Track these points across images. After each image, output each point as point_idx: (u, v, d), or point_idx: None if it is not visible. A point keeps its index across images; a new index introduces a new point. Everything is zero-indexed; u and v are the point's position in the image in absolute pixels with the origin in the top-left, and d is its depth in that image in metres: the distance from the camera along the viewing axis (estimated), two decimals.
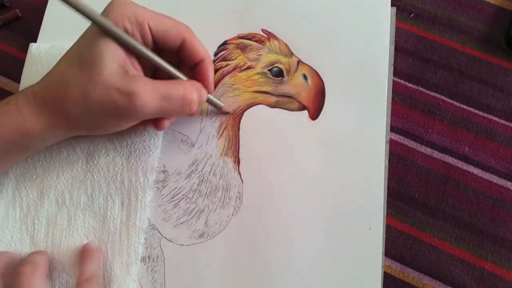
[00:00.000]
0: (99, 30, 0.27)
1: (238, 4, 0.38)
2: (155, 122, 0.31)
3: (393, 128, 0.35)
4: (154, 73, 0.32)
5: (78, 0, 0.26)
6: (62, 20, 0.39)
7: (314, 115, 0.35)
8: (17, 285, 0.27)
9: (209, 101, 0.33)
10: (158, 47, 0.30)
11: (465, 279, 0.32)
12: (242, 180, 0.34)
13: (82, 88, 0.27)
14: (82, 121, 0.28)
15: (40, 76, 0.29)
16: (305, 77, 0.36)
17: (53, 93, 0.28)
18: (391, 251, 0.33)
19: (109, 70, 0.27)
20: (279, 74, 0.36)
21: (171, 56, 0.31)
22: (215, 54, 0.37)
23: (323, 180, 0.33)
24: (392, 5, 0.37)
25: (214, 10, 0.38)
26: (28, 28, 0.39)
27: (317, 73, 0.36)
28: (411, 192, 0.34)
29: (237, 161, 0.34)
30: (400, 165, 0.35)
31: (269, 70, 0.36)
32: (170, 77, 0.30)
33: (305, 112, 0.35)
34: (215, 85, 0.36)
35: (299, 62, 0.36)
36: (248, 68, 0.36)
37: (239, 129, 0.35)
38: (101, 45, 0.27)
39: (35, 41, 0.38)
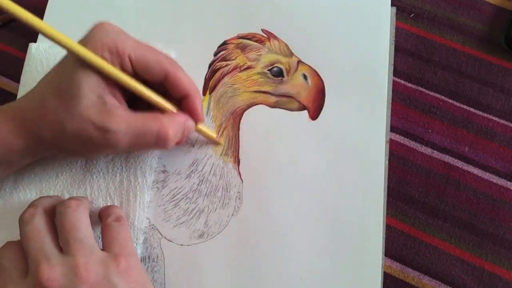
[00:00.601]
0: (76, 57, 0.26)
1: (238, 4, 0.38)
2: None
3: (393, 128, 0.35)
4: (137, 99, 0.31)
5: (52, 30, 0.25)
6: (62, 20, 0.39)
7: (314, 115, 0.35)
8: (62, 215, 0.28)
9: (200, 132, 0.32)
10: (140, 78, 0.29)
11: (465, 279, 0.32)
12: (242, 180, 0.34)
13: (59, 118, 0.27)
14: (58, 147, 0.29)
15: (40, 76, 0.29)
16: (305, 77, 0.36)
17: (31, 118, 0.28)
18: (391, 251, 0.33)
19: (86, 102, 0.26)
20: (279, 74, 0.36)
21: (156, 86, 0.29)
22: (215, 54, 0.37)
23: (323, 180, 0.33)
24: (392, 5, 0.37)
25: (214, 10, 0.38)
26: (28, 28, 0.39)
27: (317, 73, 0.36)
28: (411, 192, 0.34)
29: (237, 161, 0.34)
30: (400, 165, 0.35)
31: (269, 70, 0.36)
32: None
33: (305, 112, 0.35)
34: (215, 85, 0.36)
35: (299, 62, 0.36)
36: (248, 68, 0.36)
37: (239, 129, 0.35)
38: (79, 75, 0.26)
39: (35, 41, 0.38)
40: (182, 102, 0.30)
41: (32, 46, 0.37)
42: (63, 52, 0.30)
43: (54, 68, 0.29)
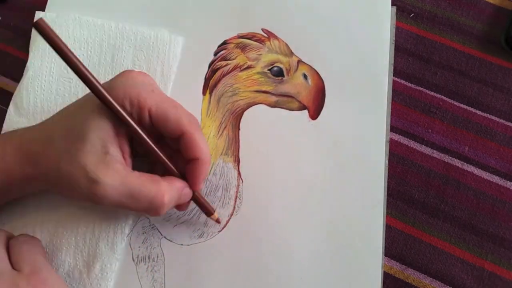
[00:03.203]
0: (97, 100, 0.26)
1: (238, 3, 0.38)
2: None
3: (393, 128, 0.35)
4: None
5: (82, 68, 0.25)
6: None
7: (314, 115, 0.35)
8: None
9: (196, 202, 0.31)
10: (157, 132, 0.29)
11: (465, 279, 0.32)
12: (242, 180, 0.34)
13: (57, 156, 0.27)
14: (54, 185, 0.28)
15: (48, 47, 0.29)
16: (305, 76, 0.36)
17: (35, 150, 0.28)
18: (391, 251, 0.33)
19: (88, 147, 0.26)
20: (279, 73, 0.36)
21: (172, 141, 0.29)
22: (215, 54, 0.37)
23: (323, 180, 0.33)
24: (392, 5, 0.37)
25: (214, 9, 0.38)
26: (28, 27, 0.39)
27: (317, 72, 0.36)
28: (411, 192, 0.34)
29: (237, 161, 0.34)
30: (400, 165, 0.35)
31: (269, 70, 0.36)
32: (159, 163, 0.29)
33: (305, 112, 0.35)
34: (215, 85, 0.36)
35: (299, 61, 0.36)
36: (248, 67, 0.36)
37: (239, 129, 0.35)
38: (91, 119, 0.26)
39: None
40: (189, 163, 0.29)
41: (40, 16, 0.37)
42: (71, 24, 0.32)
43: (70, 109, 0.29)
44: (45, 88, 0.35)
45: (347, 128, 0.34)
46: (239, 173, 0.34)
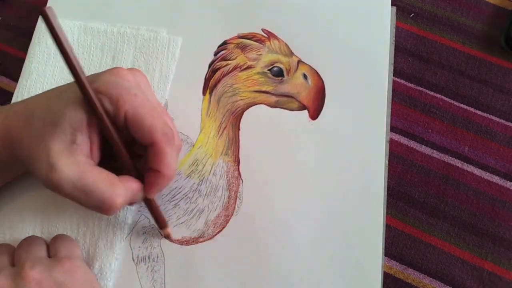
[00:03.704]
0: (78, 87, 0.26)
1: (238, 3, 0.38)
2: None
3: (393, 128, 0.35)
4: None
5: (72, 57, 0.25)
6: (61, 19, 0.38)
7: (314, 115, 0.35)
8: (21, 240, 0.30)
9: (151, 211, 0.31)
10: (130, 135, 0.28)
11: (465, 279, 0.32)
12: (242, 180, 0.34)
13: (33, 137, 0.27)
14: (25, 165, 0.28)
15: (49, 49, 0.31)
16: (305, 76, 0.36)
17: (14, 128, 0.28)
18: (391, 251, 0.33)
19: (58, 133, 0.26)
20: (279, 73, 0.36)
21: (141, 147, 0.29)
22: (215, 54, 0.37)
23: (323, 180, 0.33)
24: (392, 5, 0.37)
25: (214, 9, 0.38)
26: (28, 28, 0.39)
27: (317, 72, 0.36)
28: (411, 192, 0.34)
29: (237, 161, 0.34)
30: (400, 165, 0.35)
31: (269, 70, 0.36)
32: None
33: (305, 112, 0.35)
34: (215, 85, 0.36)
35: (299, 61, 0.36)
36: (248, 67, 0.36)
37: (239, 129, 0.35)
38: (68, 107, 0.26)
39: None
40: (150, 171, 0.28)
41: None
42: (76, 31, 0.34)
43: (53, 92, 0.29)
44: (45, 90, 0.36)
45: (347, 128, 0.34)
46: (239, 173, 0.34)
